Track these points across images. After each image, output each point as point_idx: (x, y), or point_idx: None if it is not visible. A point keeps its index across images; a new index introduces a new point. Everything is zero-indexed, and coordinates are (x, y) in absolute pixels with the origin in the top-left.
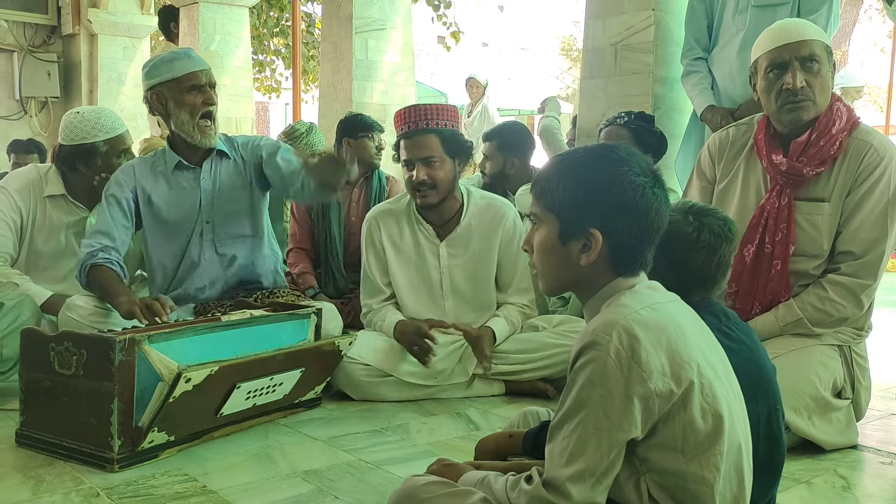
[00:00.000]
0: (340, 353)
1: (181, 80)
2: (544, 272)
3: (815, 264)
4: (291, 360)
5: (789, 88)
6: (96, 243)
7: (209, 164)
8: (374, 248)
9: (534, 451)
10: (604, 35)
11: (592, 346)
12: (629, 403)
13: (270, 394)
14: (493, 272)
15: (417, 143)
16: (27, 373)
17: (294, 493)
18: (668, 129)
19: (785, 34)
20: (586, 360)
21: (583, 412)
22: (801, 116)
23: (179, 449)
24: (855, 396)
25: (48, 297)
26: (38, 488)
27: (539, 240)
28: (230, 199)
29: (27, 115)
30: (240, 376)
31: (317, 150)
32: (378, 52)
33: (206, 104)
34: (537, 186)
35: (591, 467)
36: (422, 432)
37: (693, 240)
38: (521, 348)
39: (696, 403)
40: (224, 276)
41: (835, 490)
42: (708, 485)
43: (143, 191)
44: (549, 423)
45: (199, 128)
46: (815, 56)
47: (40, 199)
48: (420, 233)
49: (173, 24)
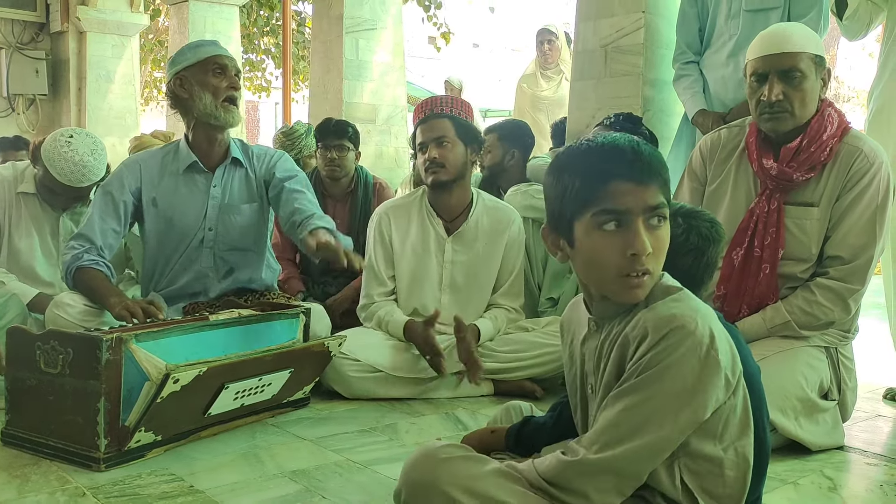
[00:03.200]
0: (330, 354)
1: (206, 63)
2: (660, 268)
3: (804, 268)
4: (281, 360)
5: (764, 100)
6: (79, 245)
7: (222, 170)
8: (382, 241)
9: (516, 446)
10: (594, 37)
11: (680, 329)
12: (709, 388)
13: (259, 394)
14: (494, 275)
15: (431, 125)
16: (13, 371)
17: (281, 493)
18: (657, 132)
19: (769, 44)
20: (673, 342)
21: (662, 392)
22: (777, 127)
23: (166, 448)
24: (841, 398)
25: (34, 295)
26: (23, 487)
27: (666, 237)
28: (237, 211)
29: (15, 113)
30: (228, 377)
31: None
32: (368, 52)
33: (231, 88)
34: (667, 177)
35: (658, 445)
36: (410, 432)
37: (681, 242)
38: (509, 348)
39: (741, 393)
40: (219, 286)
41: (821, 491)
42: (741, 471)
43: (148, 192)
44: (532, 418)
45: (222, 107)
46: (796, 69)
47: (14, 197)
48: (430, 225)
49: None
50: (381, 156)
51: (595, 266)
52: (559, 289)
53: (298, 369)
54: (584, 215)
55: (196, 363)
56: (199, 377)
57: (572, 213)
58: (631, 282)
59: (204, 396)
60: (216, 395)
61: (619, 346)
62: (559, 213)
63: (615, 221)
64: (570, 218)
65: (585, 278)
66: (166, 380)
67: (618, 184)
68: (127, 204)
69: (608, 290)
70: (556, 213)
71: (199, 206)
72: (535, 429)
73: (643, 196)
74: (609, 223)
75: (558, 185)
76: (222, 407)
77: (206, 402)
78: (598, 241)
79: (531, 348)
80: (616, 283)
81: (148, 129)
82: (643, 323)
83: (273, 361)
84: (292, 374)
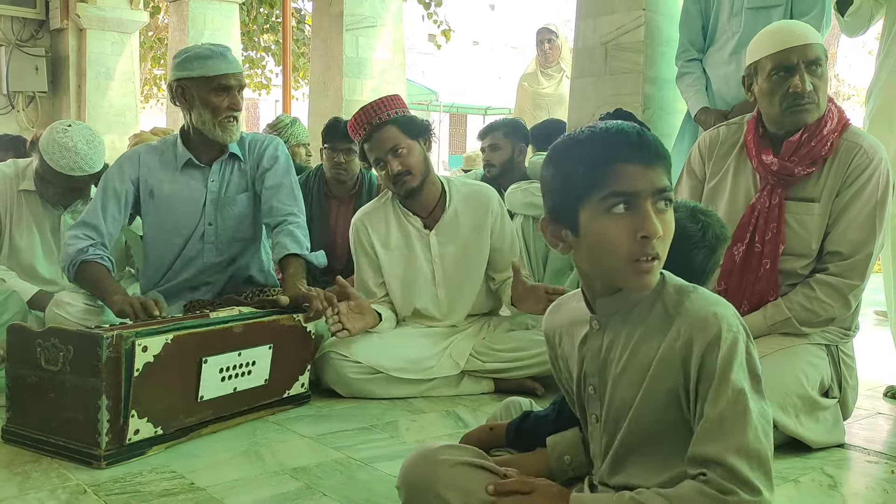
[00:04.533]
0: (308, 332)
1: (211, 80)
2: (666, 254)
3: (804, 264)
4: (253, 333)
5: (798, 91)
6: (84, 236)
7: (219, 165)
8: (364, 251)
9: (516, 439)
10: (594, 34)
11: (729, 329)
12: (761, 380)
13: (247, 376)
14: (485, 257)
15: (378, 139)
16: (13, 369)
17: (282, 491)
18: (658, 129)
19: (791, 37)
20: (730, 341)
21: (746, 392)
22: (805, 119)
23: (167, 446)
24: (842, 395)
25: (35, 292)
26: (24, 485)
27: (672, 221)
28: (233, 203)
29: (14, 110)
30: (203, 350)
31: (301, 141)
32: (369, 49)
33: (232, 109)
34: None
35: (766, 452)
36: (411, 430)
37: (699, 238)
38: (510, 346)
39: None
40: (222, 277)
41: (821, 488)
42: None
43: (146, 182)
44: (531, 412)
45: (220, 125)
46: (819, 59)
47: (16, 194)
48: (409, 225)
49: None
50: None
51: (603, 252)
52: (560, 285)
53: (280, 347)
54: (591, 200)
55: (163, 332)
56: (168, 346)
57: (577, 198)
58: (641, 266)
59: (187, 375)
60: (199, 373)
61: (660, 361)
62: (561, 201)
63: (624, 204)
64: (575, 204)
65: (591, 268)
66: (134, 348)
67: (625, 166)
68: (128, 193)
69: (617, 277)
70: (557, 202)
71: (198, 201)
72: (535, 422)
73: (651, 178)
74: (618, 206)
75: (559, 173)
76: (213, 390)
77: (193, 383)
78: (607, 224)
79: (532, 346)
80: (626, 268)
81: (148, 126)
82: (686, 331)
83: (244, 333)
84: (275, 353)
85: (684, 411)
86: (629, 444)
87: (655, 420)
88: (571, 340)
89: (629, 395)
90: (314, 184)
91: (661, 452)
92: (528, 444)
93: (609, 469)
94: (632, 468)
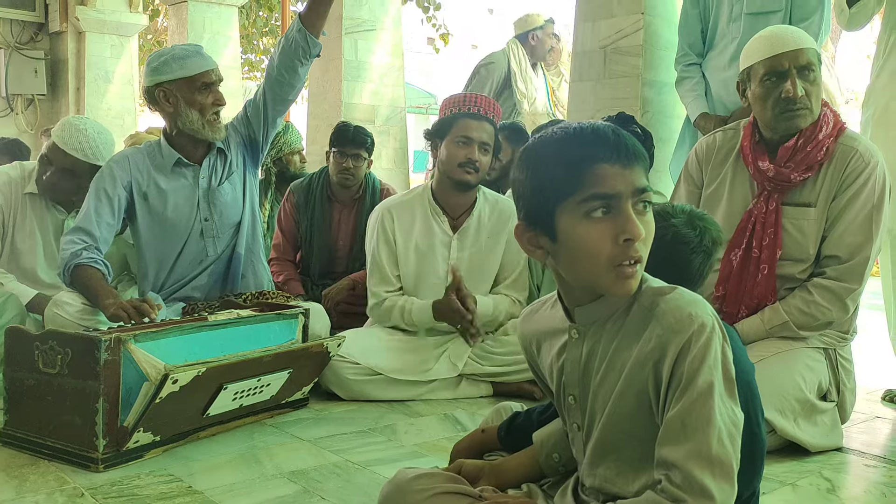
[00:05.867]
0: (329, 355)
1: (193, 80)
2: (646, 258)
3: (802, 268)
4: (280, 361)
5: (789, 97)
6: (79, 240)
7: (208, 161)
8: (386, 239)
9: (508, 439)
10: (593, 38)
11: (703, 329)
12: (735, 384)
13: (258, 394)
14: (496, 269)
15: (484, 127)
16: (11, 372)
17: (280, 494)
18: (656, 133)
19: (783, 42)
20: (703, 342)
21: (713, 395)
22: (798, 124)
23: (165, 449)
24: (840, 399)
25: (33, 296)
26: (21, 488)
27: (652, 223)
28: (221, 192)
29: (13, 113)
30: (227, 377)
31: (295, 148)
32: (368, 52)
33: (217, 104)
34: (647, 163)
35: (728, 457)
36: (409, 433)
37: (697, 243)
38: (508, 350)
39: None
40: (226, 272)
41: (819, 492)
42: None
43: (137, 185)
44: (520, 413)
45: (208, 123)
46: (811, 65)
47: (20, 198)
48: (435, 223)
49: None
50: (380, 157)
51: (584, 258)
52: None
53: (297, 370)
54: (568, 204)
55: (195, 364)
56: (197, 378)
57: (554, 203)
58: (624, 271)
59: (203, 397)
60: (215, 396)
61: (634, 364)
62: (537, 206)
63: (603, 207)
64: (552, 209)
65: (571, 274)
66: (165, 380)
67: (604, 167)
68: (120, 199)
69: (598, 283)
70: (532, 207)
71: (191, 199)
72: (525, 419)
73: (630, 178)
74: (597, 210)
75: (534, 176)
76: (221, 407)
77: (204, 403)
78: (587, 229)
79: None
80: (607, 274)
81: (144, 126)
82: (660, 334)
83: (272, 362)
84: (291, 375)
85: (654, 414)
86: (604, 445)
87: (628, 423)
88: (549, 349)
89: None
90: (317, 186)
91: (636, 455)
92: (520, 442)
93: (587, 471)
94: (606, 471)
